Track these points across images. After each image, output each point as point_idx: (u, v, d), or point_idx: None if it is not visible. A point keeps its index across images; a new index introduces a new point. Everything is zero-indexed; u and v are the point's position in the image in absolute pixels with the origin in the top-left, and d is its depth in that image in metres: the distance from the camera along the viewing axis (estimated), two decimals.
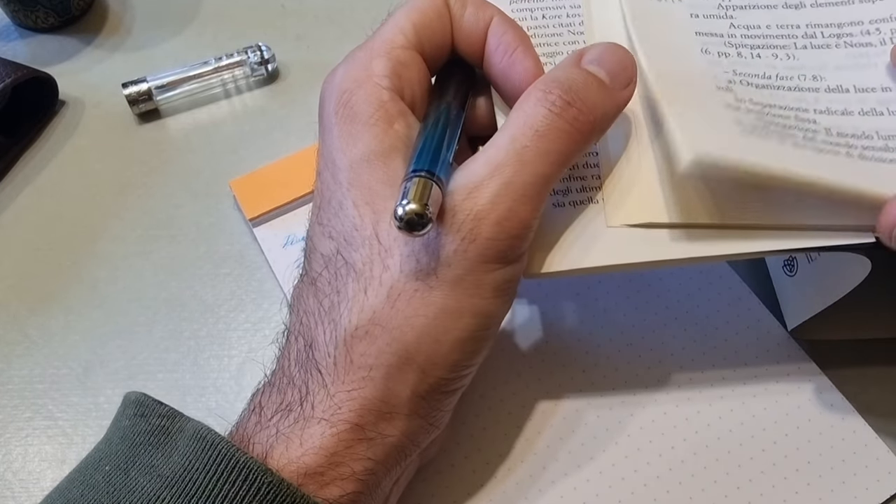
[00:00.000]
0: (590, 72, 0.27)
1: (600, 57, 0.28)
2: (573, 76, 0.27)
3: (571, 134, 0.26)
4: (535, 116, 0.26)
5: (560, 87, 0.26)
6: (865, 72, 0.30)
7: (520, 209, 0.25)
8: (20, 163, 0.45)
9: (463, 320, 0.26)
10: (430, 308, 0.26)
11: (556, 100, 0.26)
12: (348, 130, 0.28)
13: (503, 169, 0.25)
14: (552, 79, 0.27)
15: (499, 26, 0.30)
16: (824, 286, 0.33)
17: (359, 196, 0.27)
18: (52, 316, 0.39)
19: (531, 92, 0.27)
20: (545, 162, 0.26)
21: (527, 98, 0.27)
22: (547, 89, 0.26)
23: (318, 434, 0.25)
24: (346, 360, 0.26)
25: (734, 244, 0.28)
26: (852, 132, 0.29)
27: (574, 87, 0.26)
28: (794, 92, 0.30)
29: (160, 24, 0.51)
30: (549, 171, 0.26)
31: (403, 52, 0.29)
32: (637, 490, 0.33)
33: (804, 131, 0.29)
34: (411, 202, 0.24)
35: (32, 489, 0.34)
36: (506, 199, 0.25)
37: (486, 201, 0.25)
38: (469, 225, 0.25)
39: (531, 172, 0.25)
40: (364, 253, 0.26)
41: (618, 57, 0.28)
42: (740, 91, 0.30)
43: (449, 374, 0.27)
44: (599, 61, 0.28)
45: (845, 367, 0.36)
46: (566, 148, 0.26)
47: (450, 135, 0.27)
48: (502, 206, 0.25)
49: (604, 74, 0.27)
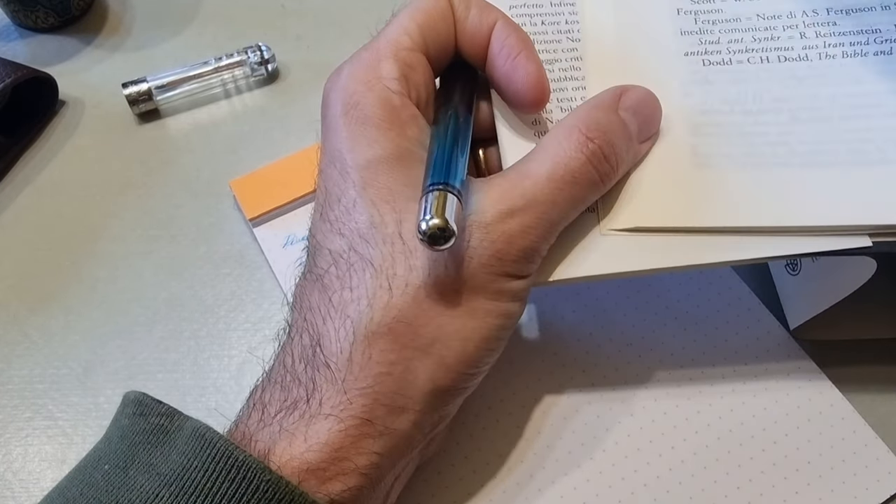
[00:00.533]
0: (625, 122, 0.28)
1: (637, 106, 0.29)
2: (612, 125, 0.28)
3: (598, 185, 0.28)
4: (575, 161, 0.27)
5: (600, 136, 0.28)
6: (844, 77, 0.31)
7: (542, 241, 0.28)
8: (20, 163, 0.45)
9: (488, 320, 0.27)
10: (457, 310, 0.27)
11: (595, 150, 0.27)
12: (360, 132, 0.28)
13: (538, 206, 0.27)
14: (594, 123, 0.28)
15: (502, 30, 0.30)
16: (828, 286, 0.33)
17: (377, 195, 0.27)
18: (52, 316, 0.39)
19: (572, 129, 0.28)
20: (571, 206, 0.28)
21: (567, 135, 0.28)
22: (589, 135, 0.27)
23: (324, 430, 0.25)
24: (365, 355, 0.26)
25: (731, 251, 0.29)
26: (831, 137, 0.30)
27: (611, 138, 0.28)
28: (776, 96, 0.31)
29: (160, 24, 0.51)
30: (572, 214, 0.28)
31: (410, 53, 0.29)
32: (637, 490, 0.33)
33: (777, 144, 0.30)
34: (434, 217, 0.24)
35: (32, 489, 0.34)
36: (535, 232, 0.27)
37: (518, 230, 0.27)
38: (499, 245, 0.27)
39: (559, 213, 0.27)
40: (385, 250, 0.27)
41: (651, 109, 0.30)
42: (715, 102, 0.31)
43: (470, 370, 0.27)
44: (635, 110, 0.29)
45: (845, 367, 0.36)
46: (590, 196, 0.28)
47: (462, 142, 0.28)
48: (530, 237, 0.27)
49: (635, 126, 0.29)
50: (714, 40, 0.32)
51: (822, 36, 0.32)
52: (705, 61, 0.32)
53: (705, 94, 0.31)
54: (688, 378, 0.36)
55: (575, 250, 0.29)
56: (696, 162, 0.30)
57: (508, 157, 0.30)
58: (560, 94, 0.32)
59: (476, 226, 0.27)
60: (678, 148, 0.30)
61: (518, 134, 0.31)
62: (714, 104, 0.31)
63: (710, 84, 0.31)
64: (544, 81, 0.29)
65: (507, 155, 0.31)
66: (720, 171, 0.30)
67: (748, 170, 0.29)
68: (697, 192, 0.29)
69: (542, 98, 0.30)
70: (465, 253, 0.27)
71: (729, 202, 0.29)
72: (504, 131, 0.31)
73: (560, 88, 0.32)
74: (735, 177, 0.29)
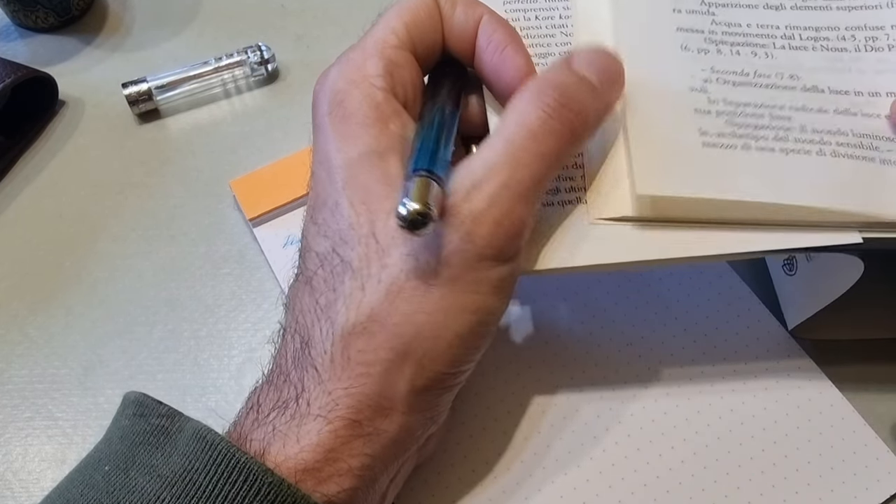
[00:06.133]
0: (581, 75, 0.28)
1: (589, 60, 0.28)
2: (565, 79, 0.28)
3: (564, 135, 0.27)
4: (530, 118, 0.26)
5: (554, 89, 0.27)
6: (840, 75, 0.31)
7: (516, 209, 0.26)
8: (20, 163, 0.45)
9: (463, 316, 0.26)
10: (429, 305, 0.26)
11: (550, 101, 0.26)
12: (343, 130, 0.28)
13: (500, 170, 0.26)
14: (545, 81, 0.27)
15: (488, 24, 0.30)
16: (822, 286, 0.33)
17: (355, 195, 0.27)
18: (52, 316, 0.39)
19: (524, 93, 0.27)
20: (540, 163, 0.26)
21: (520, 99, 0.27)
22: (541, 91, 0.27)
23: (314, 431, 0.26)
24: (344, 356, 0.26)
25: (725, 244, 0.29)
26: (827, 129, 0.30)
27: (567, 89, 0.27)
28: (771, 90, 0.31)
29: (160, 24, 0.51)
30: (543, 171, 0.27)
31: (396, 51, 0.29)
32: (637, 490, 0.33)
33: (776, 129, 0.30)
34: (414, 201, 0.24)
35: (32, 489, 0.34)
36: (503, 200, 0.26)
37: (484, 202, 0.26)
38: (468, 225, 0.26)
39: (526, 174, 0.26)
40: (360, 251, 0.27)
41: (606, 61, 0.29)
42: (715, 91, 0.31)
43: (448, 369, 0.27)
44: (589, 65, 0.28)
45: (845, 367, 0.36)
46: (560, 149, 0.27)
47: (447, 133, 0.28)
48: (499, 207, 0.26)
49: (594, 77, 0.28)
50: (711, 32, 0.32)
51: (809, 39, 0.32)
52: (701, 51, 0.32)
53: (704, 82, 0.31)
54: (688, 378, 0.36)
55: (568, 240, 0.29)
56: (702, 140, 0.29)
57: None
58: None
59: (446, 211, 0.26)
60: (684, 127, 0.30)
61: None
62: (713, 92, 0.31)
63: (708, 73, 0.31)
64: (533, 73, 0.29)
65: None
66: (724, 150, 0.29)
67: (753, 151, 0.29)
68: (703, 166, 0.29)
69: None
70: (437, 243, 0.26)
71: (733, 177, 0.29)
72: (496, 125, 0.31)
73: None
74: (740, 156, 0.29)
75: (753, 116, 0.30)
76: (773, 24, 0.33)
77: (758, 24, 0.33)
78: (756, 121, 0.30)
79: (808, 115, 0.30)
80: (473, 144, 0.32)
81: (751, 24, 0.33)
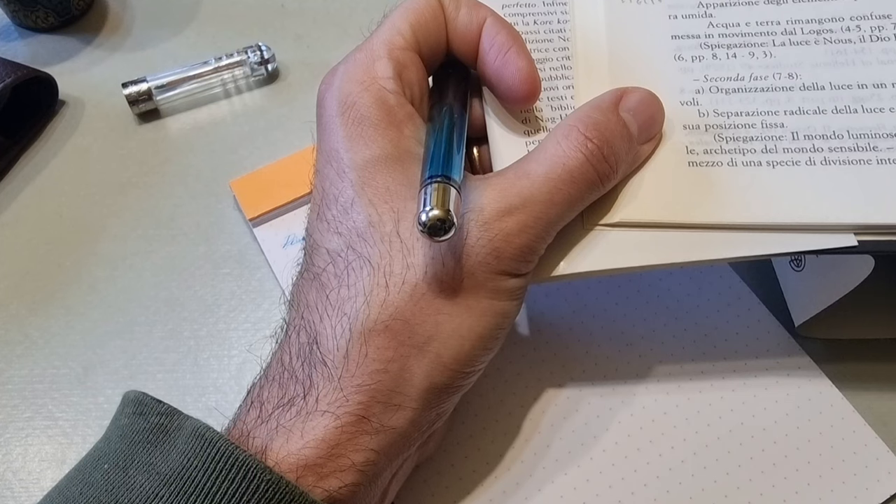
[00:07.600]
0: (625, 122, 0.28)
1: (637, 107, 0.29)
2: (611, 125, 0.28)
3: (596, 184, 0.28)
4: (572, 160, 0.27)
5: (599, 136, 0.27)
6: (843, 69, 0.31)
7: (540, 240, 0.28)
8: (20, 163, 0.45)
9: (484, 319, 0.27)
10: (454, 307, 0.27)
11: (594, 150, 0.27)
12: (358, 132, 0.28)
13: (535, 204, 0.27)
14: (593, 123, 0.28)
15: (492, 27, 0.30)
16: (831, 282, 0.33)
17: (375, 195, 0.28)
18: (52, 316, 0.39)
19: (571, 129, 0.28)
20: (569, 206, 0.28)
21: (566, 135, 0.28)
22: (587, 134, 0.27)
23: (320, 426, 0.26)
24: (361, 352, 0.26)
25: (725, 248, 0.29)
26: (822, 132, 0.30)
27: (610, 137, 0.28)
28: (767, 93, 0.31)
29: (160, 24, 0.51)
30: (569, 214, 0.28)
31: (403, 53, 0.30)
32: (637, 490, 0.33)
33: (766, 140, 0.30)
34: (434, 208, 0.24)
35: (32, 489, 0.34)
36: (532, 231, 0.27)
37: (516, 227, 0.27)
38: (497, 243, 0.27)
39: (557, 213, 0.27)
40: (383, 248, 0.27)
41: (652, 111, 0.30)
42: (706, 102, 0.31)
43: (467, 368, 0.28)
44: (636, 111, 0.29)
45: (845, 366, 0.36)
46: (589, 195, 0.28)
47: (458, 136, 0.28)
48: (528, 236, 0.27)
49: (635, 127, 0.29)
50: (707, 35, 0.32)
51: (812, 33, 0.32)
52: (695, 59, 0.32)
53: (695, 94, 0.31)
54: (688, 378, 0.36)
55: (573, 248, 0.29)
56: (688, 160, 0.30)
57: (498, 154, 0.31)
58: (551, 92, 0.32)
59: (474, 223, 0.27)
60: (670, 146, 0.30)
61: (509, 132, 0.31)
62: (704, 103, 0.31)
63: (700, 83, 0.31)
64: (535, 75, 0.30)
65: (498, 153, 0.31)
66: (710, 168, 0.30)
67: (739, 167, 0.29)
68: (686, 189, 0.29)
69: (533, 92, 0.30)
70: (463, 250, 0.27)
71: (718, 199, 0.29)
72: (495, 129, 0.31)
73: (551, 87, 0.32)
74: (725, 174, 0.29)
75: (744, 127, 0.30)
76: (774, 21, 0.33)
77: (757, 22, 0.33)
78: (745, 132, 0.30)
79: (802, 119, 0.30)
80: (475, 147, 0.32)
81: (750, 22, 0.33)
